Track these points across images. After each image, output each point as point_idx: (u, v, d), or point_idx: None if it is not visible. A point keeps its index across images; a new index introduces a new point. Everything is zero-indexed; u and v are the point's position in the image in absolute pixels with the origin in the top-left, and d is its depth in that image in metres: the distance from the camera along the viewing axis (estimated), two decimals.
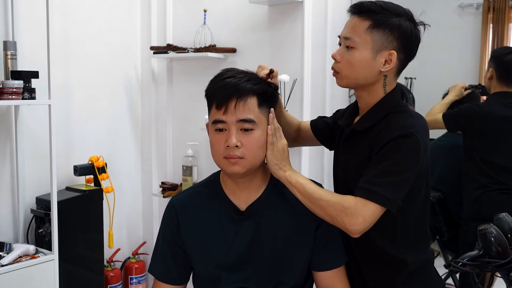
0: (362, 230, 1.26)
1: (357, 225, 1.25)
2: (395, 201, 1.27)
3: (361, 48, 1.34)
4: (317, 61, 2.44)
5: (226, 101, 1.28)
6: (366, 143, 1.36)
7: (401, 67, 1.40)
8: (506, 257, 1.46)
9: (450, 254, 2.20)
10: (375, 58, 1.34)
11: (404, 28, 1.34)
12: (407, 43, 1.35)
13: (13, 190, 2.58)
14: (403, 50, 1.36)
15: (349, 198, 1.28)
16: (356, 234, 1.27)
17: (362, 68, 1.35)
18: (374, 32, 1.33)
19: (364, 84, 1.39)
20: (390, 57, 1.34)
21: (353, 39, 1.35)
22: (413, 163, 1.30)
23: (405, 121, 1.34)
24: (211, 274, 1.37)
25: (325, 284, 1.39)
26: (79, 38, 2.84)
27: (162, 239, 1.44)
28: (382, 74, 1.37)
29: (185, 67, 3.01)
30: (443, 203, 2.17)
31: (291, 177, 1.32)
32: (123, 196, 3.07)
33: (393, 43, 1.34)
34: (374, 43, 1.33)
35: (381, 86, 1.38)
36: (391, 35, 1.33)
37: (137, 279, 3.06)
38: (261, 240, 1.35)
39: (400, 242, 1.39)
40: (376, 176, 1.27)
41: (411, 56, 1.40)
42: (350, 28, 1.37)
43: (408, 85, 2.22)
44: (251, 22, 2.69)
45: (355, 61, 1.35)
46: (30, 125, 2.61)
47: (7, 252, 2.30)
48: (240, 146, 1.28)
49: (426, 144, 1.34)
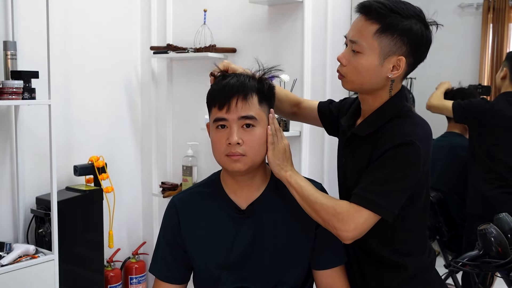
0: (353, 237, 1.24)
1: (348, 232, 1.23)
2: (391, 210, 1.24)
3: (368, 54, 1.28)
4: (317, 61, 2.44)
5: (228, 100, 1.28)
6: (367, 149, 1.33)
7: (409, 71, 1.34)
8: (506, 257, 1.46)
9: (450, 254, 2.20)
10: (382, 64, 1.28)
11: (415, 32, 1.27)
12: (417, 48, 1.29)
13: (13, 190, 2.58)
14: (412, 55, 1.29)
15: (343, 203, 1.27)
16: (347, 240, 1.25)
17: (369, 75, 1.30)
18: (382, 37, 1.26)
19: (369, 89, 1.34)
20: (398, 63, 1.28)
21: (360, 43, 1.28)
22: (413, 173, 1.27)
23: (408, 128, 1.29)
24: (212, 274, 1.37)
25: (325, 283, 1.39)
26: (79, 38, 2.84)
27: (162, 239, 1.44)
28: (389, 80, 1.31)
29: (185, 67, 3.01)
30: (443, 203, 2.17)
31: (291, 177, 1.32)
32: (123, 196, 3.07)
33: (402, 48, 1.27)
34: (381, 49, 1.27)
35: (387, 91, 1.34)
36: (400, 40, 1.26)
37: (137, 279, 3.06)
38: (262, 239, 1.35)
39: (399, 248, 1.39)
40: (373, 184, 1.25)
41: (421, 59, 1.34)
42: (356, 31, 1.30)
43: (408, 85, 2.21)
44: (251, 22, 2.69)
45: (361, 68, 1.29)
46: (30, 125, 2.61)
47: (7, 252, 2.31)
48: (242, 144, 1.28)
49: (427, 152, 1.30)
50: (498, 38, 2.13)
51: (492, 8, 2.11)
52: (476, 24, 2.15)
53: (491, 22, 2.12)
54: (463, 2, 2.14)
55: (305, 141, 2.48)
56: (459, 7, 2.16)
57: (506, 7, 2.09)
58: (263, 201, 1.37)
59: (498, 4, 2.10)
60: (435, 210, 2.13)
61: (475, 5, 2.13)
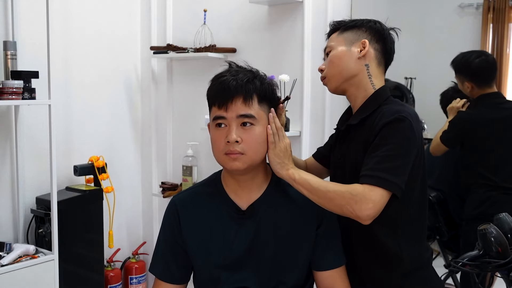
0: (373, 215, 1.27)
1: (368, 210, 1.26)
2: (399, 185, 1.29)
3: (336, 47, 1.48)
4: (317, 61, 2.43)
5: (227, 101, 1.29)
6: (361, 137, 1.40)
7: (380, 57, 1.48)
8: (506, 257, 1.46)
9: (450, 254, 2.20)
10: (350, 49, 1.46)
11: (370, 24, 1.48)
12: (377, 34, 1.47)
13: (13, 190, 2.58)
14: (375, 40, 1.47)
15: (356, 186, 1.30)
16: (367, 220, 1.27)
17: (341, 61, 1.46)
18: (345, 32, 1.49)
19: (348, 76, 1.46)
20: (363, 45, 1.45)
21: (330, 44, 1.51)
22: (412, 147, 1.33)
23: (397, 107, 1.38)
24: (212, 274, 1.37)
25: (326, 284, 1.39)
26: (79, 38, 2.85)
27: (163, 238, 1.44)
28: (361, 62, 1.45)
29: (185, 67, 3.02)
30: (443, 203, 2.17)
31: (294, 174, 1.33)
32: (123, 196, 3.07)
33: (363, 35, 1.47)
34: (346, 40, 1.48)
35: (366, 78, 1.45)
36: (359, 30, 1.48)
37: (137, 279, 3.06)
38: (262, 239, 1.35)
39: (400, 234, 1.40)
40: (378, 163, 1.30)
41: (386, 46, 1.48)
42: (327, 42, 1.53)
43: (408, 85, 2.21)
44: (251, 22, 2.69)
45: (334, 58, 1.47)
46: (30, 125, 2.61)
47: (7, 252, 2.31)
48: (240, 142, 1.28)
49: (418, 128, 1.38)
50: (498, 38, 2.12)
51: (492, 8, 2.11)
52: (476, 24, 2.15)
53: (491, 22, 2.12)
54: (463, 2, 2.14)
55: (305, 141, 2.48)
56: (459, 7, 2.16)
57: (506, 7, 2.09)
58: (264, 202, 1.37)
59: (498, 4, 2.10)
60: (435, 210, 2.14)
61: (475, 5, 2.13)
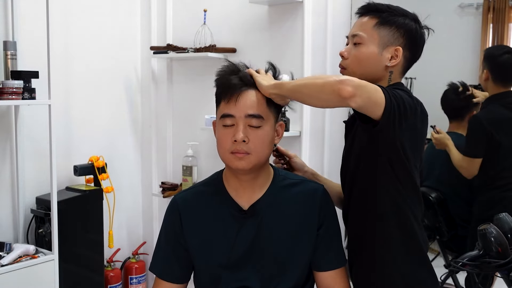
0: (353, 85, 1.16)
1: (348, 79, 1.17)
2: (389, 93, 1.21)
3: (368, 44, 1.38)
4: (317, 61, 2.43)
5: (237, 94, 1.29)
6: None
7: (406, 66, 1.43)
8: (506, 257, 1.46)
9: (450, 254, 2.20)
10: (381, 53, 1.38)
11: (410, 26, 1.38)
12: (412, 41, 1.39)
13: (13, 190, 2.58)
14: (408, 48, 1.39)
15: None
16: (347, 90, 1.15)
17: (369, 63, 1.38)
18: (381, 28, 1.37)
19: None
20: (396, 52, 1.37)
21: (361, 35, 1.39)
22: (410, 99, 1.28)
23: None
24: (213, 273, 1.37)
25: (326, 285, 1.39)
26: (79, 38, 2.84)
27: (164, 237, 1.44)
28: (388, 70, 1.39)
29: (185, 67, 3.01)
30: (443, 203, 2.17)
31: (282, 83, 1.30)
32: (123, 196, 3.07)
33: (399, 39, 1.38)
34: (381, 39, 1.37)
35: (386, 83, 1.40)
36: (397, 32, 1.38)
37: (137, 279, 3.06)
38: (263, 239, 1.35)
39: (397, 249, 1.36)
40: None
41: (416, 55, 1.43)
42: (358, 26, 1.41)
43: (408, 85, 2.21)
44: (251, 22, 2.69)
45: (362, 56, 1.38)
46: (30, 125, 2.61)
47: (7, 252, 2.31)
48: (247, 141, 1.29)
49: (420, 103, 1.32)
50: (498, 38, 2.13)
51: (492, 8, 2.11)
52: (476, 24, 2.15)
53: (491, 22, 2.12)
54: (463, 2, 2.14)
55: (305, 141, 2.48)
56: (459, 7, 2.16)
57: (506, 7, 2.09)
58: (265, 202, 1.37)
59: (498, 4, 2.10)
60: (435, 210, 2.13)
61: (475, 5, 2.13)
